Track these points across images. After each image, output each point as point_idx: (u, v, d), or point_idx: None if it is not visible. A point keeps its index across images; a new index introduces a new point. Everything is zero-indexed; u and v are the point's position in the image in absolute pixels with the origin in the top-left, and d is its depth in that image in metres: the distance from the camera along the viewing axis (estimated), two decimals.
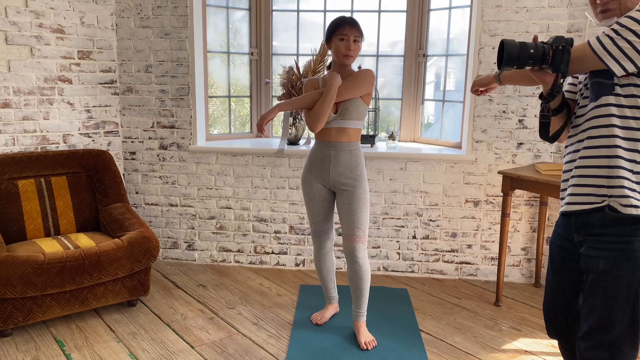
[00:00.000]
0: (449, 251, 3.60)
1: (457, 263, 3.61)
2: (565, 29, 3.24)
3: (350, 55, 2.54)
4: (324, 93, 2.53)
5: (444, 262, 3.62)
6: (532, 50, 1.56)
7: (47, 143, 3.38)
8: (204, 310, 3.08)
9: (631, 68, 1.50)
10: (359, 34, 2.54)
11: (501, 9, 3.27)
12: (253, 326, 2.90)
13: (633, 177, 1.56)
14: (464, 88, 3.57)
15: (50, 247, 2.87)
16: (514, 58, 1.56)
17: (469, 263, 3.60)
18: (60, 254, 2.72)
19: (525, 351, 2.70)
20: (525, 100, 3.35)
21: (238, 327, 2.88)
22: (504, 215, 3.12)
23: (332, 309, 2.99)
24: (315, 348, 2.66)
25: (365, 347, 2.65)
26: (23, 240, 3.05)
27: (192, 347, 2.67)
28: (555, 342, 2.78)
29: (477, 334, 2.86)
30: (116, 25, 3.56)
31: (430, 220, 3.57)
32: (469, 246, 3.57)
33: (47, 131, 3.38)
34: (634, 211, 1.53)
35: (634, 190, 1.55)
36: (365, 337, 2.69)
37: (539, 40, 1.61)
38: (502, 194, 3.14)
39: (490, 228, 3.52)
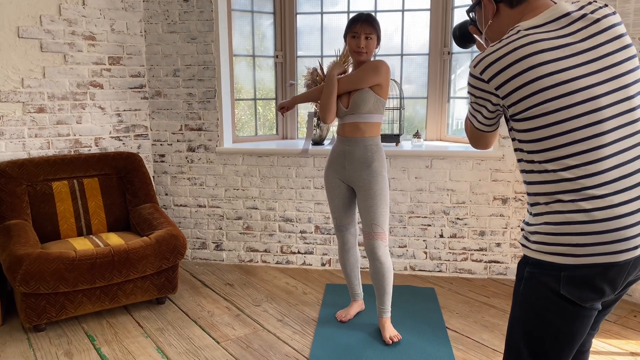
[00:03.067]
0: (477, 250, 3.54)
1: (485, 262, 3.54)
2: None
3: (361, 52, 2.54)
4: (325, 82, 2.58)
5: (472, 261, 3.56)
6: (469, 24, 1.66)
7: (79, 146, 3.50)
8: (230, 307, 3.12)
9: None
10: (371, 30, 2.53)
11: None
12: (278, 323, 2.92)
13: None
14: None
15: (82, 245, 2.96)
16: (458, 37, 1.71)
17: (498, 262, 3.53)
18: (90, 251, 2.80)
19: None
20: None
21: (263, 324, 2.90)
22: None
23: (357, 306, 2.97)
24: (340, 344, 2.65)
25: (390, 341, 2.62)
26: (57, 239, 3.15)
27: (218, 342, 2.70)
28: None
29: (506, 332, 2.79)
30: (145, 31, 3.67)
31: (458, 218, 3.52)
32: (498, 244, 3.50)
33: (80, 135, 3.50)
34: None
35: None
36: (390, 332, 2.67)
37: None
38: None
39: (519, 226, 3.45)
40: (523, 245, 1.39)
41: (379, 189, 2.59)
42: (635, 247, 1.27)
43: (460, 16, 3.72)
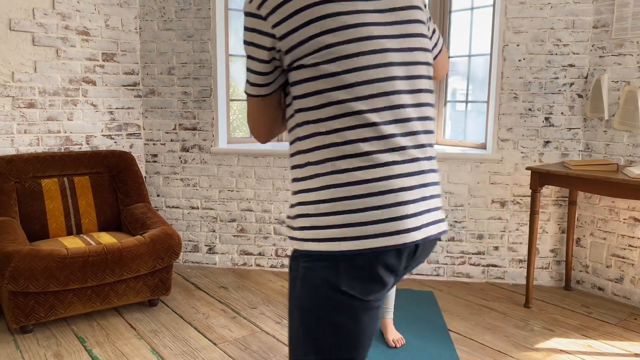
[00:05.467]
0: (475, 253, 3.50)
1: (483, 266, 3.51)
2: (591, 24, 3.20)
3: None
4: None
5: (470, 265, 3.52)
6: None
7: (70, 144, 3.40)
8: (225, 310, 3.02)
9: None
10: None
11: (525, 5, 3.24)
12: (276, 325, 2.83)
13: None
14: (487, 87, 3.53)
15: (73, 244, 2.85)
16: None
17: (496, 266, 3.50)
18: (83, 249, 2.69)
19: (561, 350, 2.58)
20: (551, 97, 3.29)
21: (261, 326, 2.82)
22: (533, 212, 3.04)
23: None
24: None
25: (394, 345, 2.56)
26: (46, 238, 3.03)
27: (215, 344, 2.60)
28: (592, 342, 2.66)
29: (509, 334, 2.75)
30: (140, 28, 3.60)
31: (456, 221, 3.49)
32: (496, 248, 3.47)
33: (71, 132, 3.40)
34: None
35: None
36: (393, 334, 2.61)
37: None
38: (530, 191, 3.06)
39: (517, 229, 3.43)
40: (292, 238, 1.15)
41: None
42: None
43: (458, 20, 3.73)
